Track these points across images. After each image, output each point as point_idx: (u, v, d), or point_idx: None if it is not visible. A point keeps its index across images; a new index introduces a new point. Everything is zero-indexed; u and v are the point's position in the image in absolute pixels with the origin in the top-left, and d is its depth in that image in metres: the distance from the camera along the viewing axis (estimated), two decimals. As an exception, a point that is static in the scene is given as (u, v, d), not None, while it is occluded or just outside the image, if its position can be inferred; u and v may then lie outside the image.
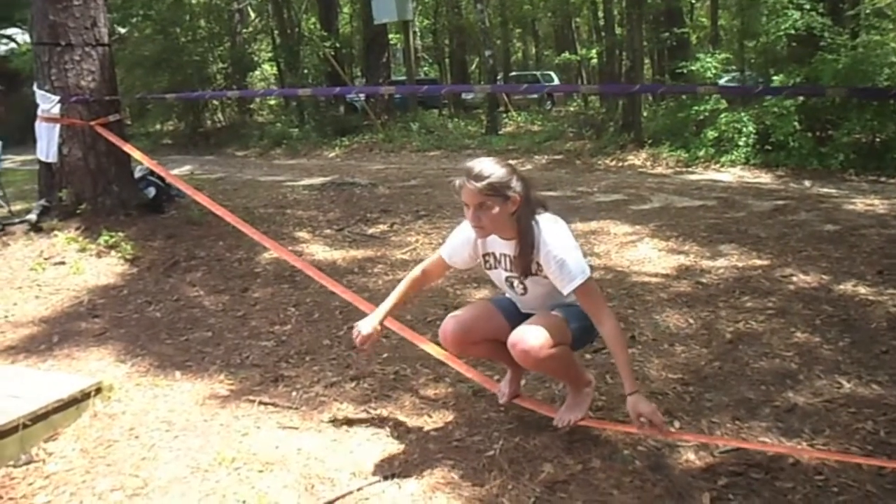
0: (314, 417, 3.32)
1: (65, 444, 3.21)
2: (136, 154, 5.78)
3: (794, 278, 4.98)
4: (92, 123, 6.30)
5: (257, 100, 22.31)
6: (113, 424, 3.37)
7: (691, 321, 4.25)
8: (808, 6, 11.20)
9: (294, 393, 3.60)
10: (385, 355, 3.97)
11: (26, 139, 7.97)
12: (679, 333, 4.08)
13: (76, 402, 3.43)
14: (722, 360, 3.70)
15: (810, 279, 4.95)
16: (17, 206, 7.95)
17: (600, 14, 20.66)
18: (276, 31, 20.99)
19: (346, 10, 26.59)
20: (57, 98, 6.37)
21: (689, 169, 11.01)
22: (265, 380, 3.77)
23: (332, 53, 19.10)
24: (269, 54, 22.94)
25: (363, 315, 3.87)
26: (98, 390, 3.56)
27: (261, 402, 3.50)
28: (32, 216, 6.46)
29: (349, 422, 3.25)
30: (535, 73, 28.98)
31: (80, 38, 6.40)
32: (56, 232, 6.17)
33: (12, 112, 19.78)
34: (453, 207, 7.79)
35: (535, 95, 24.22)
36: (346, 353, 4.06)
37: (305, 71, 19.48)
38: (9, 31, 24.93)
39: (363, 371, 3.79)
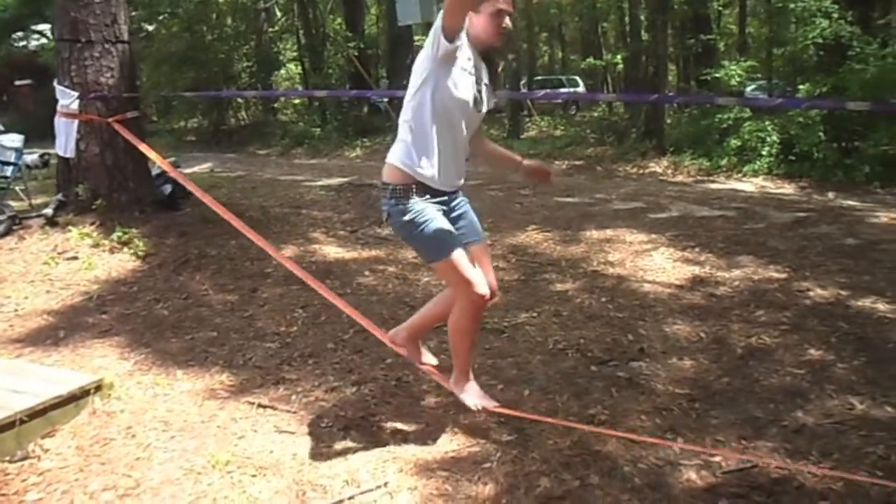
0: (312, 422, 3.28)
1: (61, 440, 3.20)
2: (151, 154, 5.77)
3: (811, 293, 4.86)
4: (109, 120, 6.31)
5: (281, 99, 22.40)
6: (111, 422, 3.35)
7: (702, 334, 4.16)
8: (836, 15, 11.01)
9: (294, 396, 3.56)
10: (389, 360, 3.92)
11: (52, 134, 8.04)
12: (689, 347, 4.00)
13: (75, 399, 3.42)
14: (731, 375, 3.61)
15: (827, 294, 4.83)
16: (38, 200, 8.01)
17: (627, 19, 20.48)
18: (300, 31, 21.05)
19: (373, 10, 26.60)
20: (76, 94, 6.40)
21: (711, 178, 10.88)
22: (266, 382, 3.74)
23: (356, 54, 19.11)
24: (294, 54, 23.02)
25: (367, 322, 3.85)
26: (98, 388, 3.55)
27: (259, 405, 3.47)
28: (48, 210, 6.49)
29: (346, 428, 3.21)
30: (560, 77, 28.75)
31: (101, 35, 6.43)
32: (70, 227, 6.19)
33: (41, 106, 20.00)
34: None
35: (560, 101, 24.06)
36: (350, 356, 4.02)
37: (330, 71, 19.52)
38: (40, 27, 25.29)
39: (365, 376, 3.75)
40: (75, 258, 5.84)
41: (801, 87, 11.35)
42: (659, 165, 11.90)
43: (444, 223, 2.81)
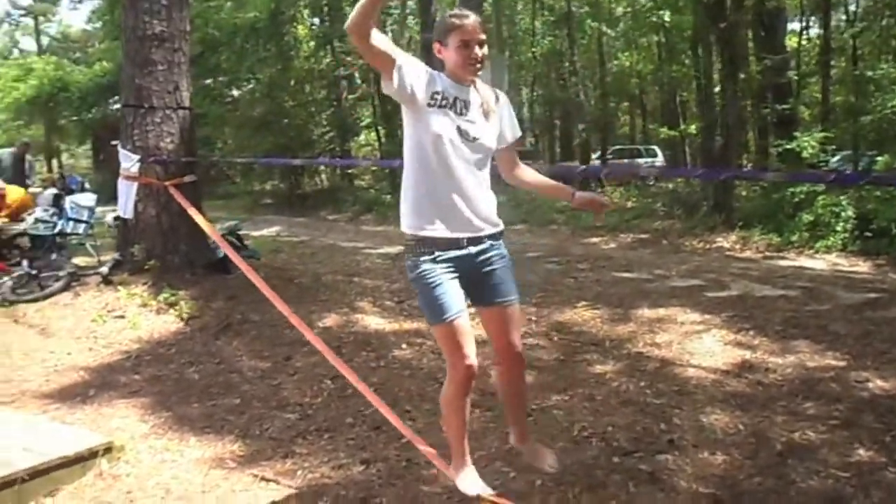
0: (310, 499, 3.18)
1: (62, 501, 3.19)
2: (198, 219, 5.83)
3: (870, 384, 4.50)
4: (166, 184, 6.48)
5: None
6: (114, 486, 3.34)
7: (741, 426, 3.88)
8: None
9: (300, 471, 3.47)
10: (405, 440, 3.78)
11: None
12: (724, 440, 3.72)
13: (82, 459, 3.43)
14: (764, 474, 3.33)
15: (888, 386, 4.46)
16: (107, 257, 8.26)
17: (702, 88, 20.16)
18: (376, 98, 21.54)
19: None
20: (137, 157, 6.64)
21: (781, 254, 10.43)
22: (276, 454, 3.67)
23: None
24: (371, 120, 23.52)
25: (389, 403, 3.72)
26: (108, 449, 3.55)
27: (263, 478, 3.40)
28: (104, 269, 6.70)
29: (344, 509, 3.08)
30: (638, 147, 28.49)
31: (163, 102, 6.70)
32: (120, 286, 6.33)
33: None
34: (525, 285, 7.58)
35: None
36: (367, 433, 3.91)
37: (405, 138, 19.83)
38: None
39: (377, 454, 3.63)
40: (122, 317, 5.96)
41: (878, 159, 10.88)
42: (727, 240, 11.47)
43: (446, 289, 2.70)
